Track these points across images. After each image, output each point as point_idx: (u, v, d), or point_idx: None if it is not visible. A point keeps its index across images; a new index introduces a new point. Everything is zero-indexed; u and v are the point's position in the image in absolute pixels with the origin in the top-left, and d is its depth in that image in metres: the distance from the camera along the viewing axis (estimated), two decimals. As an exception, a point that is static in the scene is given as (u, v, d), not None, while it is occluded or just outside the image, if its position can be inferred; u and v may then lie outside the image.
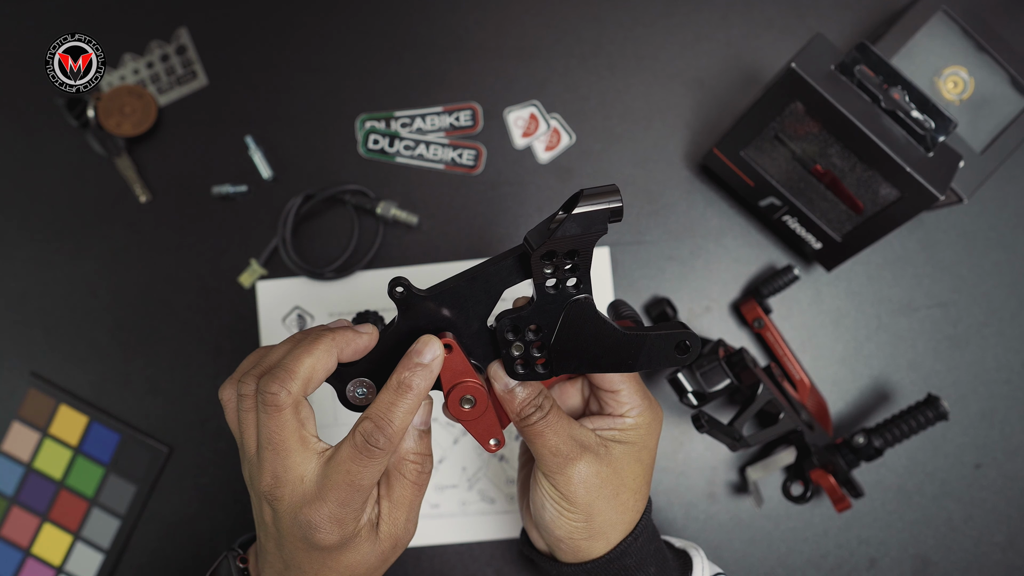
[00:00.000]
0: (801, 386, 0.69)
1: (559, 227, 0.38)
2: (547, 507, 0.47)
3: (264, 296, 0.71)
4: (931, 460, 0.70)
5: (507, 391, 0.45)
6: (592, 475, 0.45)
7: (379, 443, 0.40)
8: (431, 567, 0.69)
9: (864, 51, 0.59)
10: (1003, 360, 0.71)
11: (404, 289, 0.42)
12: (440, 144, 0.73)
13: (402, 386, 0.41)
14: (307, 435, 0.41)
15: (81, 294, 0.72)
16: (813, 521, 0.70)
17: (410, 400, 0.41)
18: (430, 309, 0.43)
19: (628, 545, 0.47)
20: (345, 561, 0.42)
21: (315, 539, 0.40)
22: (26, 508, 0.70)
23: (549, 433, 0.45)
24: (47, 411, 0.71)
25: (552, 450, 0.45)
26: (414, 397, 0.41)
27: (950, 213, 0.72)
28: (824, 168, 0.63)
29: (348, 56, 0.74)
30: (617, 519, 0.47)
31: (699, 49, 0.74)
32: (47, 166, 0.73)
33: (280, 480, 0.40)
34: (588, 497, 0.45)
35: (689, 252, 0.72)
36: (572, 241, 0.39)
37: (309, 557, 0.41)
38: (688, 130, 0.73)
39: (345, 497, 0.40)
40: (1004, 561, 0.69)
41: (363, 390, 0.44)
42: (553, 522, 0.47)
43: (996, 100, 0.67)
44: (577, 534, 0.46)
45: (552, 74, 0.74)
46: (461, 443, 0.70)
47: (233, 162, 0.73)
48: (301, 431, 0.41)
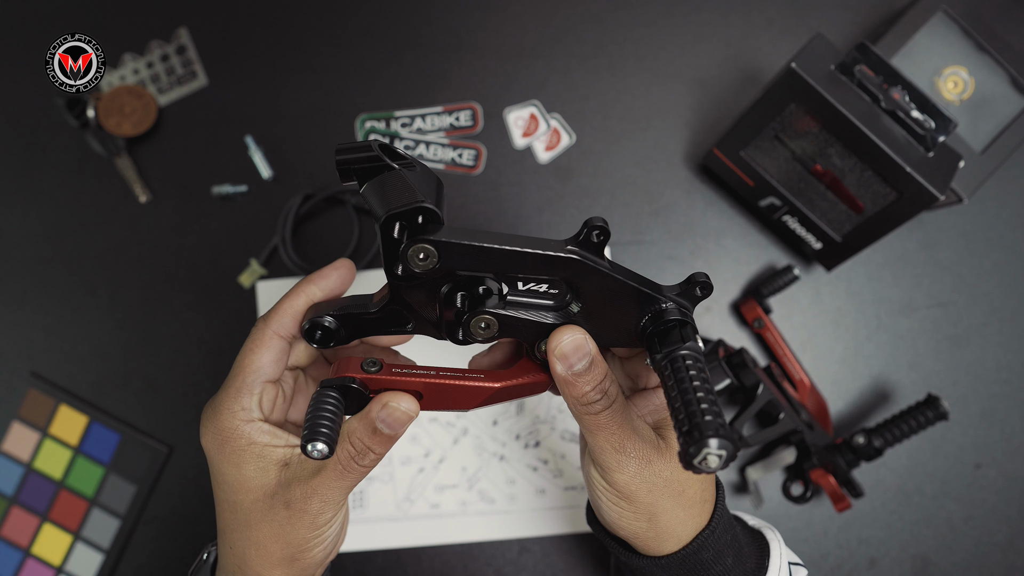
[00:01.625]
0: (801, 386, 0.69)
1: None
2: (604, 506, 0.43)
3: (264, 296, 0.71)
4: (931, 460, 0.70)
5: (571, 374, 0.39)
6: (652, 474, 0.40)
7: (364, 462, 0.40)
8: (431, 567, 0.69)
9: (864, 51, 0.59)
10: (1003, 360, 0.71)
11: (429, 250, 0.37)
12: (440, 144, 0.73)
13: (376, 432, 0.40)
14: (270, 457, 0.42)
15: (81, 294, 0.72)
16: (813, 521, 0.70)
17: (385, 444, 0.40)
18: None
19: (705, 539, 0.42)
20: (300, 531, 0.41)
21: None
22: (26, 508, 0.70)
23: (614, 426, 0.40)
24: (47, 411, 0.71)
25: (616, 446, 0.40)
26: (390, 440, 0.40)
27: (950, 213, 0.72)
28: (824, 168, 0.63)
29: (348, 56, 0.74)
30: (685, 516, 0.42)
31: (699, 49, 0.74)
32: (47, 166, 0.73)
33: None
34: (650, 497, 0.41)
35: (689, 252, 0.72)
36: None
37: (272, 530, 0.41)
38: (688, 130, 0.73)
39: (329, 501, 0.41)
40: (1004, 561, 0.69)
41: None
42: (615, 522, 0.43)
43: (996, 100, 0.67)
44: (643, 533, 0.42)
45: (552, 74, 0.74)
46: (461, 443, 0.70)
47: (233, 162, 0.73)
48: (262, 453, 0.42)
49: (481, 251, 0.36)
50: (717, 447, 0.31)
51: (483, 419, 0.70)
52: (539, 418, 0.70)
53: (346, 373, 0.39)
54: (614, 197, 0.73)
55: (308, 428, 0.36)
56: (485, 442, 0.70)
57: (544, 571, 0.69)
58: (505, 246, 0.36)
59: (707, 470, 0.32)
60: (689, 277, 0.39)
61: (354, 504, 0.70)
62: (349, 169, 0.37)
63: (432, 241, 0.35)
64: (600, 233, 0.37)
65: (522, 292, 0.39)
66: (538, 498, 0.69)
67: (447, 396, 0.41)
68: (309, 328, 0.41)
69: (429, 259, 0.36)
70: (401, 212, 0.35)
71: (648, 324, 0.39)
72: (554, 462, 0.70)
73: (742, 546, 0.46)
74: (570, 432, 0.70)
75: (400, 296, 0.39)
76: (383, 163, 0.37)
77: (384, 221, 0.36)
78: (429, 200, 0.35)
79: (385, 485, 0.70)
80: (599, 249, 0.38)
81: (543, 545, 0.69)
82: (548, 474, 0.70)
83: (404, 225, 0.36)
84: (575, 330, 0.39)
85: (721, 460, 0.31)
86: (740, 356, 0.63)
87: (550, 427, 0.70)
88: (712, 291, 0.39)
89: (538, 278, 0.39)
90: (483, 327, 0.39)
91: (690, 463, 0.32)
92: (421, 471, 0.70)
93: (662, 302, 0.39)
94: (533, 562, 0.69)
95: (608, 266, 0.38)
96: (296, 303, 0.43)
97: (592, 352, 0.40)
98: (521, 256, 0.37)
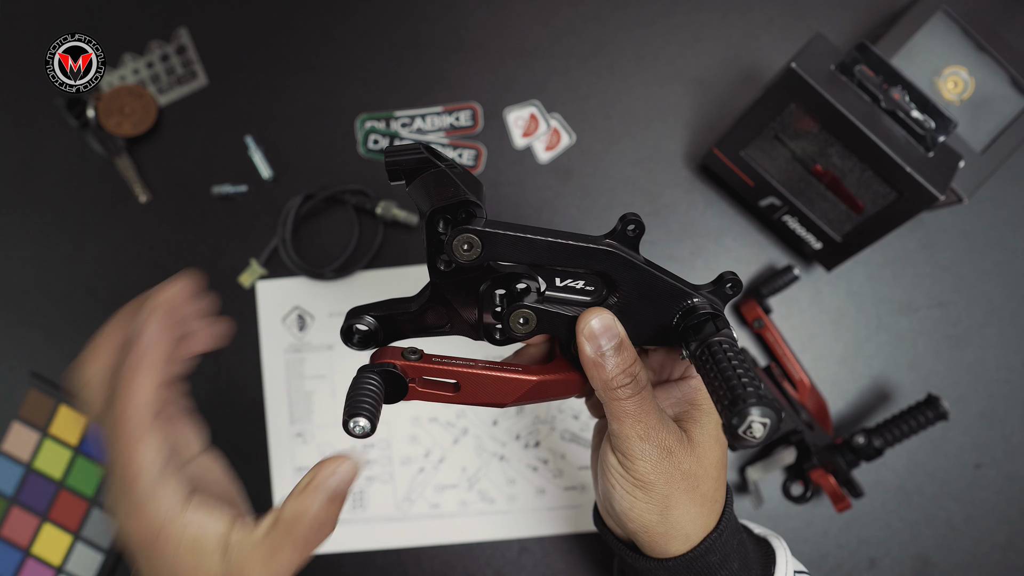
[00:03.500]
0: (801, 386, 0.69)
1: None
2: (617, 495, 0.42)
3: (264, 296, 0.71)
4: (931, 460, 0.70)
5: (599, 354, 0.39)
6: (672, 465, 0.40)
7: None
8: (431, 567, 0.69)
9: (864, 51, 0.59)
10: (1003, 360, 0.71)
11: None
12: (440, 144, 0.73)
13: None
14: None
15: (81, 294, 0.72)
16: (813, 521, 0.70)
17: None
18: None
19: (713, 541, 0.42)
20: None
21: None
22: (26, 508, 0.70)
23: (641, 413, 0.39)
24: (47, 411, 0.71)
25: (641, 434, 0.39)
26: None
27: (950, 213, 0.72)
28: (824, 168, 0.63)
29: (348, 56, 0.74)
30: (696, 512, 0.42)
31: (699, 49, 0.74)
32: (47, 166, 0.73)
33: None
34: (667, 488, 0.40)
35: (689, 252, 0.72)
36: None
37: None
38: (688, 130, 0.73)
39: None
40: (1004, 561, 0.69)
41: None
42: (626, 513, 0.42)
43: (996, 100, 0.67)
44: (653, 527, 0.42)
45: (552, 74, 0.74)
46: (461, 443, 0.70)
47: (233, 162, 0.73)
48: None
49: (523, 241, 0.37)
50: (760, 415, 0.31)
51: (483, 419, 0.70)
52: (539, 418, 0.70)
53: (387, 359, 0.40)
54: (614, 197, 0.73)
55: (350, 405, 0.37)
56: (485, 442, 0.70)
57: (544, 571, 0.69)
58: (546, 237, 0.38)
59: (751, 440, 0.32)
60: (720, 275, 0.40)
61: (354, 504, 0.70)
62: (399, 170, 0.39)
63: (476, 231, 0.37)
64: (635, 227, 0.39)
65: (559, 288, 0.41)
66: (538, 498, 0.69)
67: (485, 388, 0.41)
68: (347, 330, 0.41)
69: (473, 249, 0.37)
70: (446, 206, 0.37)
71: (681, 320, 0.40)
72: (554, 462, 0.70)
73: (748, 552, 0.45)
74: (570, 432, 0.70)
75: (441, 294, 0.40)
76: (431, 163, 0.39)
77: (431, 215, 0.37)
78: (472, 195, 0.37)
79: (385, 485, 0.70)
80: (634, 244, 0.39)
81: (543, 545, 0.69)
82: (548, 474, 0.70)
83: (449, 219, 0.37)
84: (604, 312, 0.40)
85: (766, 428, 0.32)
86: (740, 356, 0.63)
87: (550, 427, 0.70)
88: (742, 289, 0.40)
89: (575, 272, 0.40)
90: (522, 322, 0.40)
91: (735, 434, 0.32)
92: (421, 471, 0.70)
93: (694, 297, 0.40)
94: (533, 562, 0.69)
95: (643, 261, 0.39)
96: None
97: (621, 334, 0.40)
98: (561, 248, 0.38)
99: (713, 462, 0.42)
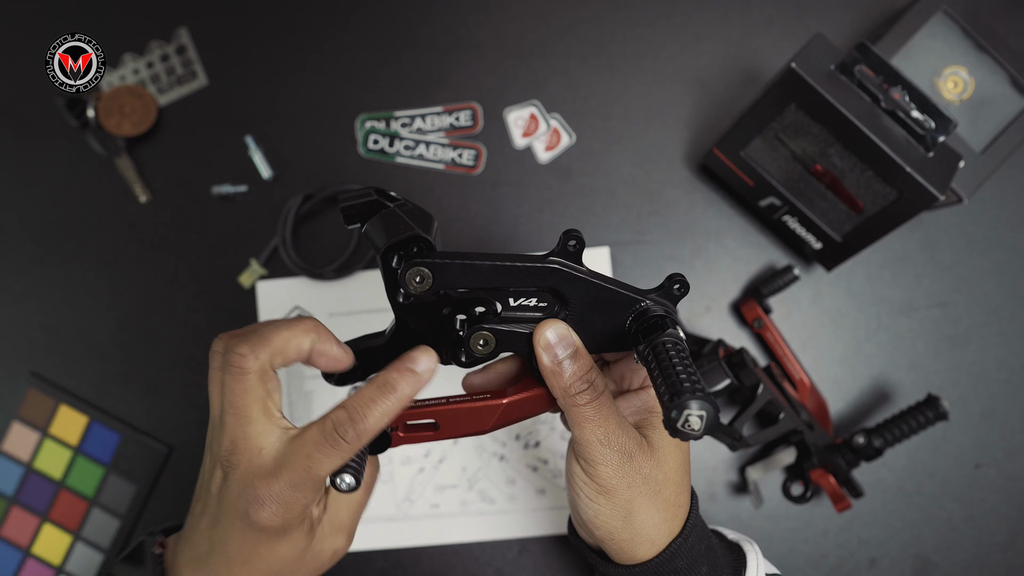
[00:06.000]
0: (801, 386, 0.69)
1: None
2: (582, 503, 0.43)
3: (264, 296, 0.71)
4: (931, 460, 0.70)
5: (556, 363, 0.41)
6: (633, 469, 0.41)
7: (347, 436, 0.38)
8: (431, 567, 0.69)
9: (864, 51, 0.59)
10: (1003, 360, 0.71)
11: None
12: (440, 144, 0.73)
13: (387, 385, 0.39)
14: (271, 407, 0.39)
15: (81, 294, 0.72)
16: (813, 521, 0.70)
17: (391, 402, 0.39)
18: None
19: (678, 546, 0.43)
20: (279, 552, 0.40)
21: (257, 516, 0.38)
22: (26, 508, 0.70)
23: (600, 418, 0.41)
24: (47, 411, 0.71)
25: (601, 438, 0.41)
26: (396, 401, 0.39)
27: (950, 213, 0.72)
28: (824, 168, 0.63)
29: (348, 56, 0.74)
30: (659, 518, 0.43)
31: (699, 49, 0.74)
32: (47, 166, 0.73)
33: (238, 447, 0.39)
34: (629, 493, 0.41)
35: (689, 252, 0.72)
36: None
37: (243, 538, 0.39)
38: (688, 130, 0.73)
39: (298, 480, 0.38)
40: (1004, 561, 0.69)
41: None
42: (592, 520, 0.43)
43: (996, 100, 0.67)
44: (618, 533, 0.43)
45: (552, 74, 0.74)
46: (461, 443, 0.70)
47: (233, 162, 0.73)
48: (266, 401, 0.39)
49: (471, 267, 0.40)
50: (698, 408, 0.33)
51: (483, 419, 0.70)
52: (539, 418, 0.70)
53: None
54: (614, 197, 0.73)
55: None
56: (485, 442, 0.70)
57: (544, 571, 0.69)
58: (493, 262, 0.40)
59: (691, 433, 0.34)
60: (668, 276, 0.42)
61: (354, 504, 0.70)
62: (352, 214, 0.41)
63: (426, 263, 0.39)
64: (576, 243, 0.41)
65: (514, 308, 0.42)
66: (538, 498, 0.69)
67: (461, 421, 0.43)
68: None
69: (425, 280, 0.39)
70: (397, 243, 0.39)
71: (632, 324, 0.41)
72: (554, 462, 0.70)
73: (718, 557, 0.46)
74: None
75: (405, 324, 0.42)
76: (381, 204, 0.41)
77: (384, 252, 0.39)
78: (421, 231, 0.39)
79: (385, 485, 0.70)
80: (576, 257, 0.41)
81: (543, 545, 0.69)
82: (548, 474, 0.70)
83: (402, 255, 0.39)
84: (558, 323, 0.42)
85: (703, 421, 0.33)
86: (740, 356, 0.63)
87: (550, 427, 0.70)
88: (689, 289, 0.42)
89: (527, 290, 0.41)
90: (482, 344, 0.42)
91: (674, 428, 0.34)
92: (421, 471, 0.70)
93: (643, 302, 0.41)
94: (533, 562, 0.69)
95: (587, 272, 0.41)
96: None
97: (576, 343, 0.42)
98: (508, 270, 0.40)
99: (674, 467, 0.43)
